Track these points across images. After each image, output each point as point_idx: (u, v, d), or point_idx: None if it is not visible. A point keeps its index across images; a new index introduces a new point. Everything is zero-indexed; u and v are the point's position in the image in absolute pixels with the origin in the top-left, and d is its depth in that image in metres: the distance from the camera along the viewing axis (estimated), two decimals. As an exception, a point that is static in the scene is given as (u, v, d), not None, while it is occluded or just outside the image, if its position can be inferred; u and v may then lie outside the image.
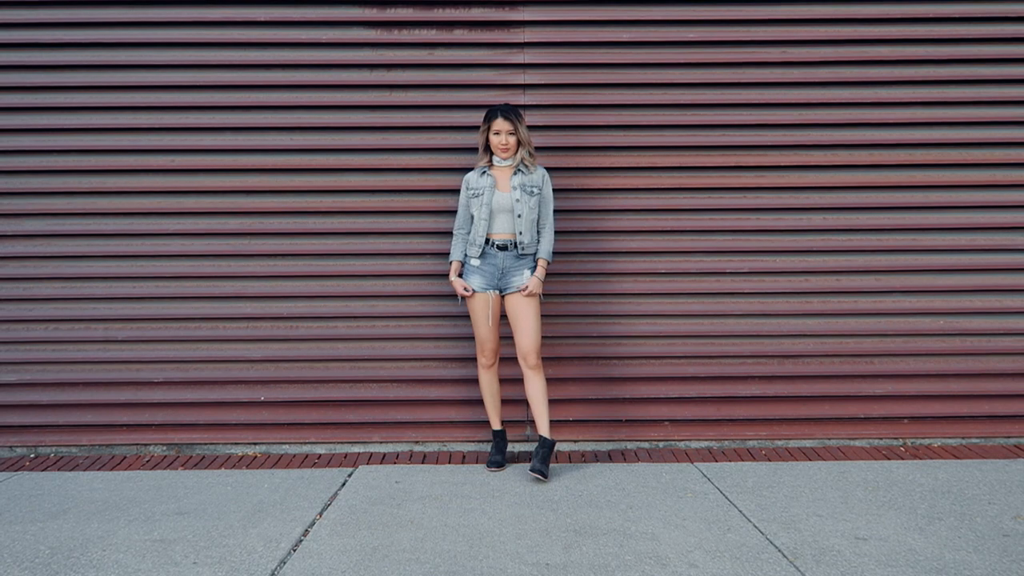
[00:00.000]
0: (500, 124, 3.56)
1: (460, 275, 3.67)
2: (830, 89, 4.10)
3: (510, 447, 4.01)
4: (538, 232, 3.65)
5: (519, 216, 3.56)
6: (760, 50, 4.08)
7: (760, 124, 4.10)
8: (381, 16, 4.06)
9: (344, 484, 3.51)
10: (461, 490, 3.39)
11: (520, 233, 3.57)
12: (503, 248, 3.59)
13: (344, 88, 4.09)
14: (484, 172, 3.63)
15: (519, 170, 3.60)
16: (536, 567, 2.57)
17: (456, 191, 3.89)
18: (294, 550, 2.75)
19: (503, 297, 3.63)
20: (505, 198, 3.57)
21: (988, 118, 4.11)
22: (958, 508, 3.11)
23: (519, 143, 3.60)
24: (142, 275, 4.09)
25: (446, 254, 4.03)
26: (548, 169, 3.77)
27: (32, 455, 4.09)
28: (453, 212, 4.00)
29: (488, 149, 3.64)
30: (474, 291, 3.60)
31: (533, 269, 3.61)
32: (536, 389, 3.58)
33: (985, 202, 4.12)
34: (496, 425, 3.81)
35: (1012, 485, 3.40)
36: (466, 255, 3.66)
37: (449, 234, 4.01)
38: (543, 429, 3.58)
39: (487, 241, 3.60)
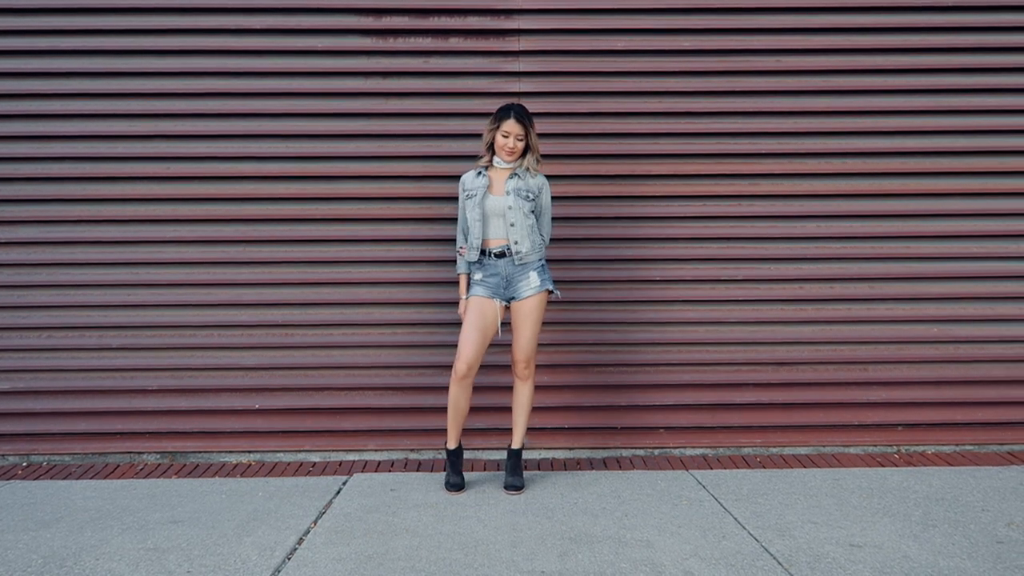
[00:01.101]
0: (511, 126, 3.34)
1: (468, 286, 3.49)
2: (824, 98, 4.12)
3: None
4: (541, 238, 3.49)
5: (512, 224, 3.36)
6: (754, 58, 4.10)
7: (754, 132, 4.12)
8: (377, 25, 4.08)
9: (339, 492, 3.50)
10: (456, 498, 3.38)
11: (516, 242, 3.38)
12: (500, 256, 3.40)
13: (340, 96, 4.09)
14: (480, 173, 3.45)
15: (516, 174, 3.41)
16: (532, 575, 2.57)
17: (452, 199, 3.89)
18: (289, 558, 2.74)
19: (508, 306, 3.45)
20: (498, 202, 3.37)
21: (981, 127, 4.13)
22: (952, 515, 3.12)
23: (527, 149, 3.41)
24: (137, 282, 4.08)
25: (441, 261, 4.04)
26: (546, 177, 3.61)
27: (25, 464, 4.07)
28: (449, 220, 4.00)
29: (492, 149, 3.43)
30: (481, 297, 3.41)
31: (539, 271, 3.42)
32: (523, 398, 3.52)
33: (978, 210, 4.14)
34: (453, 443, 3.49)
35: (1006, 492, 3.41)
36: (470, 265, 3.49)
37: (445, 242, 4.01)
38: (516, 441, 3.53)
39: (484, 251, 3.42)
